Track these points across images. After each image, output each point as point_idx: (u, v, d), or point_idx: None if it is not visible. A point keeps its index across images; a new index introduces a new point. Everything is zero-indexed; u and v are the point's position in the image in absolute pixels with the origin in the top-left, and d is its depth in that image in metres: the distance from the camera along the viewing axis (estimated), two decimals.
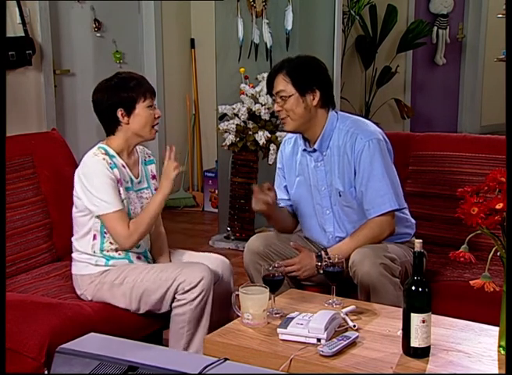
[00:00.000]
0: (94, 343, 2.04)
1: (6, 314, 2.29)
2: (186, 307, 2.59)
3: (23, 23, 4.14)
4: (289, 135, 2.95)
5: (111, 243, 2.70)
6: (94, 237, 2.70)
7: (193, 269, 2.61)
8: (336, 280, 2.47)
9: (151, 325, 2.75)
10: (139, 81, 2.72)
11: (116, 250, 2.71)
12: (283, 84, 2.70)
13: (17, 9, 4.12)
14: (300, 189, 2.88)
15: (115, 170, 2.65)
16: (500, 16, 6.36)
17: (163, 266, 2.73)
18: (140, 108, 2.68)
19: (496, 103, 7.25)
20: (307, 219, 2.90)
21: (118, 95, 2.67)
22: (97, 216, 2.65)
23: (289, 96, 2.70)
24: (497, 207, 1.95)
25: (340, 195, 2.77)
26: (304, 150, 2.83)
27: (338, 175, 2.76)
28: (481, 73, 7.92)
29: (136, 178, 2.78)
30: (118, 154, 2.71)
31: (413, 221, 2.90)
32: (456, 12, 7.67)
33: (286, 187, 2.95)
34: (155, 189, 2.83)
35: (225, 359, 1.89)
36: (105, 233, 2.69)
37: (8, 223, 2.88)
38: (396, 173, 2.81)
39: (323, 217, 2.84)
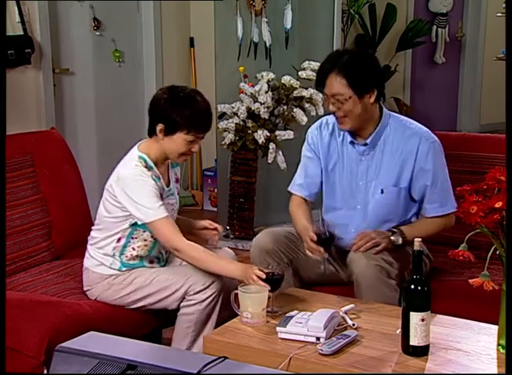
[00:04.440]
0: (93, 342, 2.03)
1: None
2: (195, 307, 2.58)
3: (22, 21, 4.13)
4: (324, 121, 2.86)
5: (133, 248, 2.67)
6: (119, 240, 2.67)
7: (204, 273, 2.60)
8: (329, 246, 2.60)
9: (150, 323, 2.75)
10: (198, 113, 2.59)
11: (134, 258, 2.69)
12: (339, 87, 2.58)
13: (16, 8, 4.11)
14: (336, 175, 2.80)
15: (158, 183, 2.62)
16: (500, 14, 6.35)
17: (175, 268, 2.71)
18: (179, 137, 2.59)
19: (496, 102, 7.25)
20: (334, 206, 2.83)
21: (171, 113, 2.57)
22: (144, 224, 2.59)
23: (348, 98, 2.59)
24: (496, 206, 1.95)
25: (382, 192, 2.72)
26: (351, 142, 2.75)
27: (386, 172, 2.71)
28: (480, 71, 7.92)
29: (167, 186, 2.73)
30: (155, 163, 2.66)
31: None
32: (456, 11, 7.66)
33: (317, 172, 2.83)
34: (178, 193, 2.81)
35: (225, 358, 1.89)
36: (132, 238, 2.66)
37: (7, 222, 2.87)
38: None
39: (350, 211, 2.79)
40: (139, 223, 2.61)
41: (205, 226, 2.83)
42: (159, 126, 2.59)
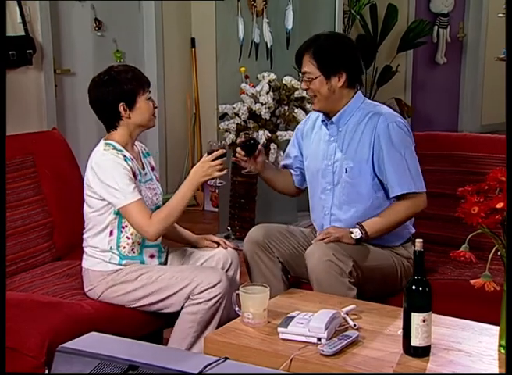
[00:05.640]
0: (94, 342, 2.04)
1: (6, 313, 2.29)
2: (200, 306, 2.56)
3: (24, 22, 4.14)
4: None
5: (127, 237, 2.67)
6: (111, 233, 2.67)
7: (211, 272, 2.61)
8: (251, 153, 2.80)
9: (151, 324, 2.74)
10: (136, 73, 2.70)
11: (132, 248, 2.69)
12: (309, 66, 2.73)
13: (17, 8, 4.12)
14: (313, 158, 2.90)
15: (129, 163, 2.64)
16: (501, 15, 6.36)
17: (180, 267, 2.71)
18: (141, 101, 2.67)
19: (497, 102, 7.25)
20: (313, 190, 2.91)
21: (118, 89, 2.64)
22: (117, 209, 2.60)
23: (315, 78, 2.73)
24: (497, 206, 1.95)
25: (346, 171, 2.76)
26: (323, 121, 2.85)
27: (349, 151, 2.76)
28: (481, 72, 7.92)
29: (143, 170, 2.76)
30: (124, 148, 2.69)
31: (411, 230, 2.88)
32: (457, 12, 7.67)
33: (295, 157, 3.00)
34: (157, 180, 2.83)
35: (226, 358, 1.89)
36: (123, 228, 2.67)
37: (8, 223, 2.88)
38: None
39: (323, 193, 2.85)
40: (115, 209, 2.61)
41: (207, 245, 2.89)
42: (121, 106, 2.64)
